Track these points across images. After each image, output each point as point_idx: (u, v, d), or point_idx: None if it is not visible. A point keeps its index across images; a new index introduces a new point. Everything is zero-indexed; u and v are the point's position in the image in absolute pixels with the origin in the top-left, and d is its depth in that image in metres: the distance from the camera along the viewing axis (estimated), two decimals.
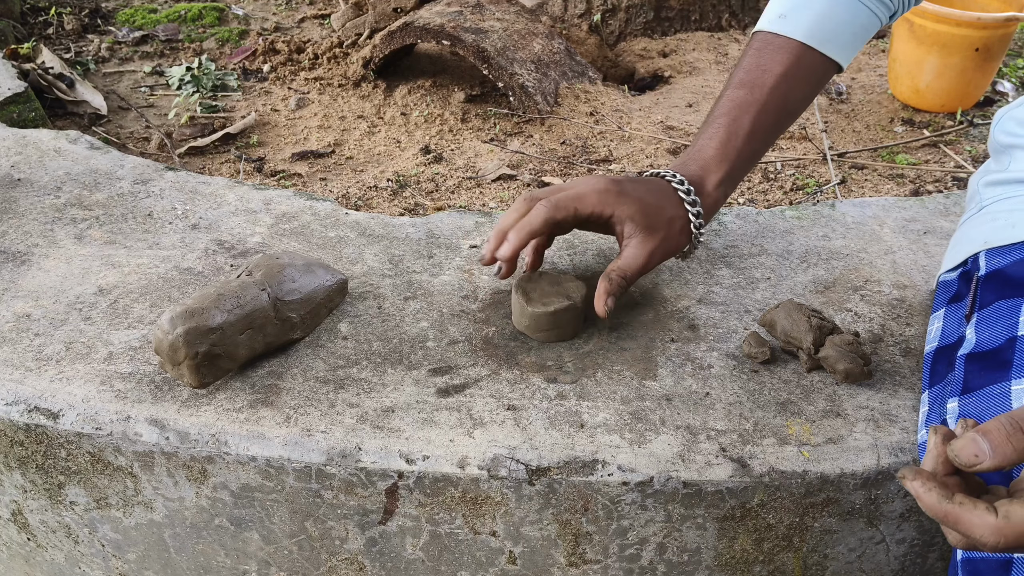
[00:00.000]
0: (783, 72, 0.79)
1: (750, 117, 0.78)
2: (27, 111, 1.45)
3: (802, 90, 0.81)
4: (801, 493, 0.68)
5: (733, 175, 0.80)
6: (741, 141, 0.79)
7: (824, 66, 0.81)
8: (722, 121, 0.79)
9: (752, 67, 0.80)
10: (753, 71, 0.80)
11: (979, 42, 1.59)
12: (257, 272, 0.78)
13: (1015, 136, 0.75)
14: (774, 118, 0.80)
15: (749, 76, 0.80)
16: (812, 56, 0.79)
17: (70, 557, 0.84)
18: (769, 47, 0.80)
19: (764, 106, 0.79)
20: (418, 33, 1.69)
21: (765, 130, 0.80)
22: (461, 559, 0.74)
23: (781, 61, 0.79)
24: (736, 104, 0.79)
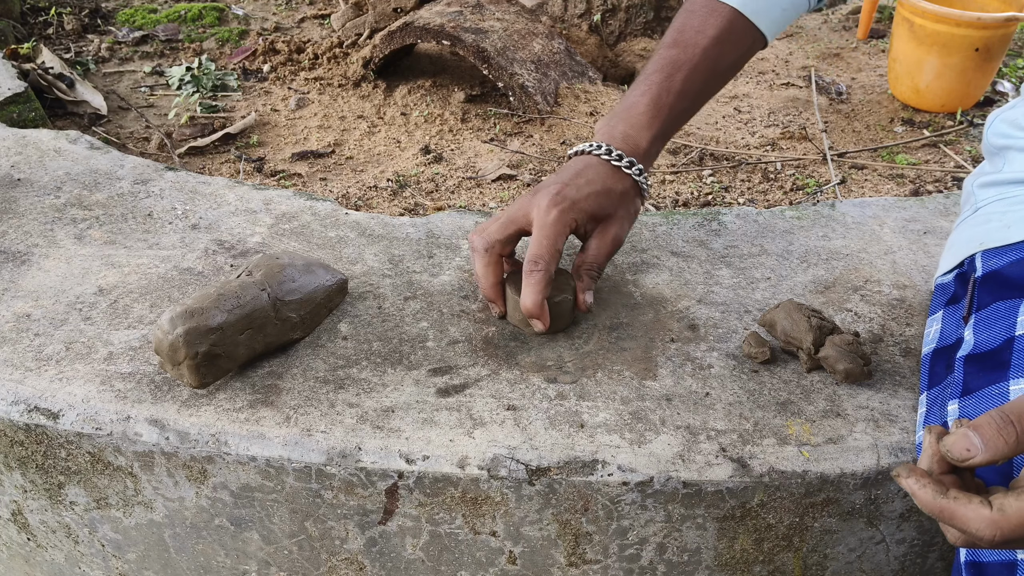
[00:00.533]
0: (716, 36, 0.80)
1: (682, 76, 0.79)
2: (27, 111, 1.45)
3: (731, 56, 0.82)
4: (801, 493, 0.68)
5: (665, 132, 0.81)
6: (673, 98, 0.79)
7: (752, 37, 0.82)
8: (654, 79, 0.80)
9: (686, 28, 0.81)
10: (687, 32, 0.81)
11: (979, 42, 1.59)
12: (257, 272, 0.78)
13: (1007, 138, 0.75)
14: (703, 79, 0.80)
15: (682, 37, 0.81)
16: (744, 24, 0.81)
17: (70, 557, 0.84)
18: (703, 10, 0.81)
19: (695, 66, 0.79)
20: (418, 33, 1.69)
21: (695, 91, 0.80)
22: (461, 559, 0.74)
23: (715, 25, 0.80)
24: (668, 62, 0.80)
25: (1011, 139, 0.75)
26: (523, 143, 1.59)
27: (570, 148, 0.83)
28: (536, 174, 1.49)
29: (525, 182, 1.46)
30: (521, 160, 1.53)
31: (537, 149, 1.57)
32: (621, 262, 0.89)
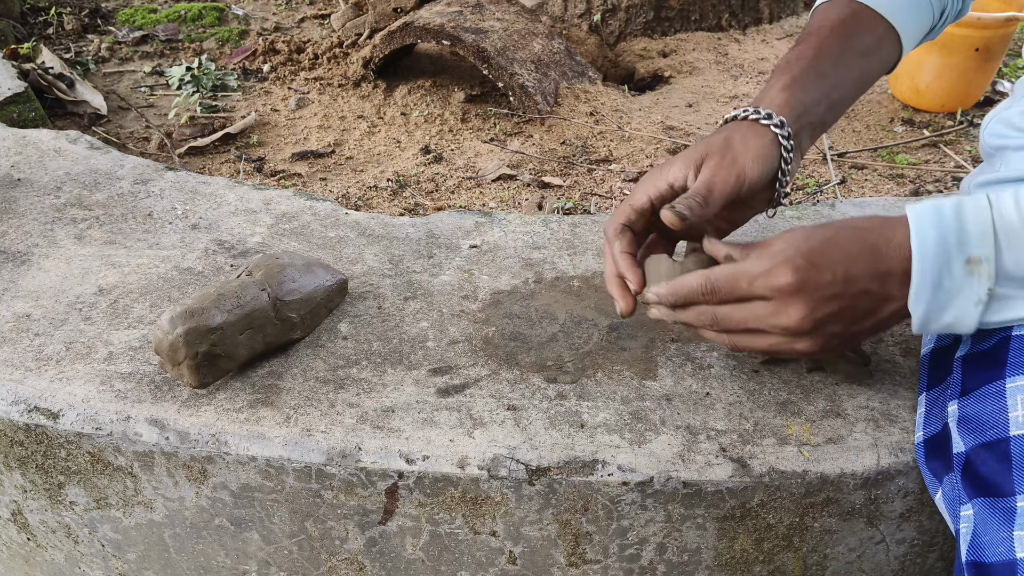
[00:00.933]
0: (842, 18, 0.77)
1: (811, 46, 0.75)
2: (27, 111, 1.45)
3: (864, 37, 0.77)
4: (801, 493, 0.68)
5: (801, 84, 0.73)
6: (804, 62, 0.74)
7: (883, 27, 0.78)
8: (781, 63, 0.77)
9: (809, 26, 0.79)
10: (811, 27, 0.79)
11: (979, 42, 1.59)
12: (257, 272, 0.78)
13: (1003, 138, 0.75)
14: (837, 48, 0.76)
15: (807, 30, 0.79)
16: (869, 12, 0.78)
17: (70, 557, 0.84)
18: (824, 8, 0.80)
19: (826, 38, 0.76)
20: (418, 33, 1.69)
21: (831, 55, 0.75)
22: (461, 559, 0.74)
23: (837, 12, 0.78)
24: (794, 48, 0.77)
25: (1007, 139, 0.75)
26: (523, 143, 1.59)
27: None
28: (536, 174, 1.49)
29: (525, 182, 1.47)
30: (521, 160, 1.53)
31: (537, 149, 1.57)
32: None
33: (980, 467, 0.59)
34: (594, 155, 1.55)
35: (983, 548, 0.57)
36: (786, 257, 0.59)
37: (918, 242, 0.57)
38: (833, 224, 0.61)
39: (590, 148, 1.57)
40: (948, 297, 0.58)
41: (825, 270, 0.59)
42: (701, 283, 0.63)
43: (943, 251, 0.57)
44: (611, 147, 1.57)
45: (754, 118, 0.71)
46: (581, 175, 1.49)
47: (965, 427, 0.62)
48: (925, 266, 0.57)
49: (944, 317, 0.59)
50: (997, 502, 0.57)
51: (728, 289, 0.62)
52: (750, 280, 0.61)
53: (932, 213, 0.58)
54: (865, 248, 0.59)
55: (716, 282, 0.63)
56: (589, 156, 1.54)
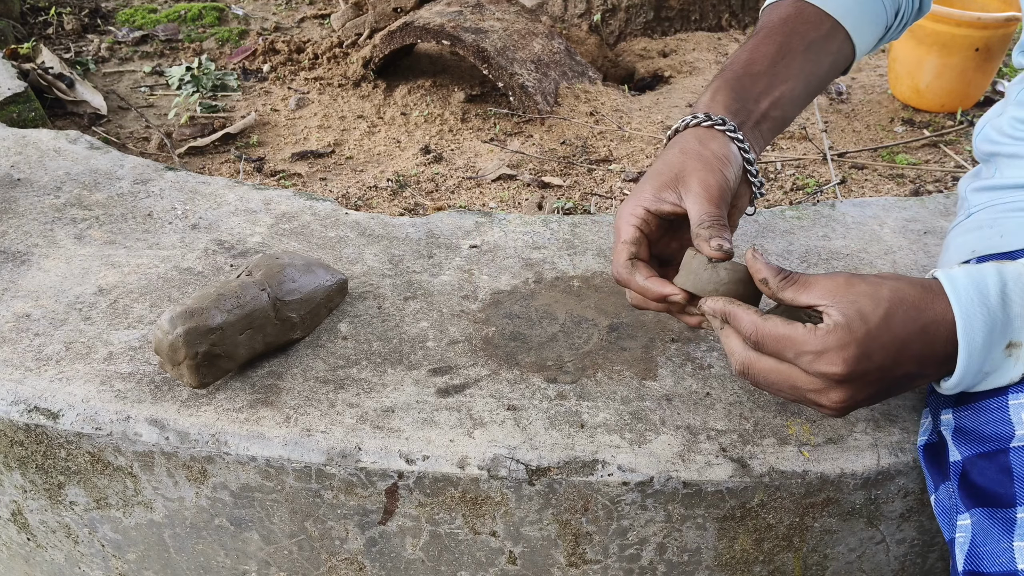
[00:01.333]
0: (783, 18, 0.78)
1: (746, 50, 0.77)
2: (27, 111, 1.45)
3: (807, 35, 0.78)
4: (801, 493, 0.68)
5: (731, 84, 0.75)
6: (738, 66, 0.76)
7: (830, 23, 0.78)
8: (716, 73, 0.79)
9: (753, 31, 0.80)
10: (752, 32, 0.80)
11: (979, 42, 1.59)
12: (257, 272, 0.78)
13: (996, 144, 0.75)
14: (776, 50, 0.76)
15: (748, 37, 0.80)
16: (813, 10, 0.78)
17: (70, 557, 0.84)
18: (769, 8, 0.81)
19: (760, 41, 0.77)
20: (418, 33, 1.69)
21: (767, 57, 0.76)
22: (461, 559, 0.74)
23: (779, 14, 0.79)
24: (731, 56, 0.79)
25: (999, 145, 0.74)
26: (523, 143, 1.59)
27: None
28: (536, 174, 1.49)
29: (525, 182, 1.46)
30: (521, 160, 1.53)
31: (537, 149, 1.57)
32: None
33: (977, 477, 0.59)
34: (594, 155, 1.55)
35: (982, 558, 0.56)
36: (841, 344, 0.56)
37: (966, 338, 0.56)
38: (882, 295, 0.57)
39: (590, 148, 1.57)
40: (983, 377, 0.59)
41: (875, 358, 0.57)
42: (749, 329, 0.60)
43: (989, 343, 0.57)
44: (611, 147, 1.57)
45: (695, 123, 0.72)
46: (581, 175, 1.49)
47: (961, 438, 0.62)
48: (971, 361, 0.57)
49: (978, 388, 0.60)
50: (997, 512, 0.57)
51: (772, 350, 0.59)
52: (797, 354, 0.58)
53: (980, 305, 0.56)
54: (917, 330, 0.57)
55: (763, 338, 0.59)
56: (589, 156, 1.54)
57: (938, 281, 0.58)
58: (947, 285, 0.57)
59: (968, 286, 0.57)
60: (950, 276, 0.58)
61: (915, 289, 0.58)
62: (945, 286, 0.57)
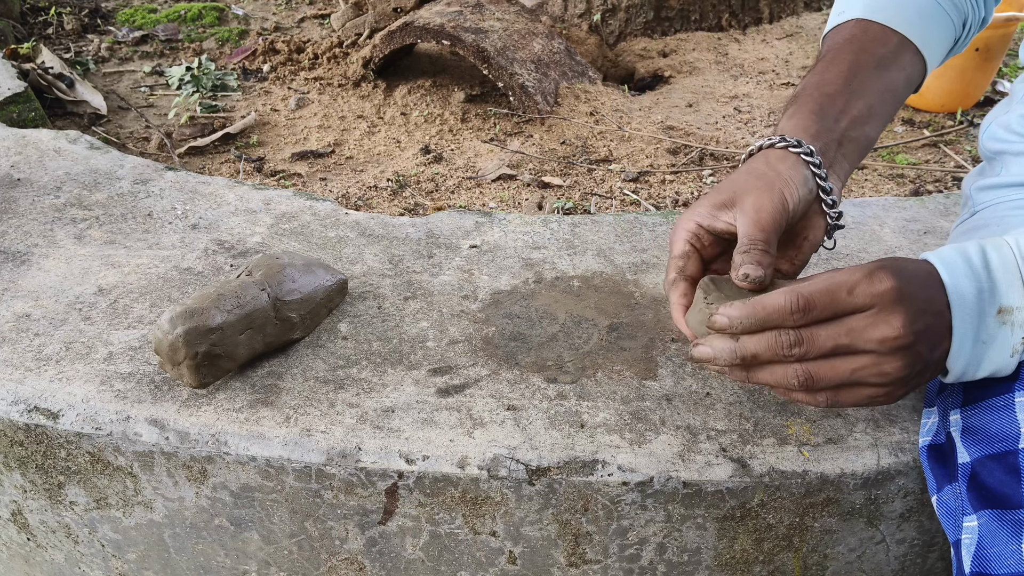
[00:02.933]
0: (848, 38, 0.75)
1: (816, 74, 0.74)
2: (27, 111, 1.45)
3: (875, 51, 0.75)
4: (801, 493, 0.68)
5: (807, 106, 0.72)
6: (812, 88, 0.73)
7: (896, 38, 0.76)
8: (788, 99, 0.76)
9: (818, 56, 0.78)
10: (818, 56, 0.78)
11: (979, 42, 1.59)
12: (257, 272, 0.78)
13: (1003, 142, 0.75)
14: (848, 68, 0.74)
15: (815, 61, 0.77)
16: (877, 27, 0.76)
17: (70, 557, 0.84)
18: (832, 32, 0.78)
19: (829, 62, 0.74)
20: (418, 33, 1.69)
21: (841, 76, 0.73)
22: (461, 559, 0.74)
23: (843, 35, 0.76)
24: (801, 82, 0.76)
25: (1006, 143, 0.74)
26: (523, 143, 1.59)
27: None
28: (536, 174, 1.49)
29: (525, 182, 1.46)
30: (521, 160, 1.53)
31: (537, 149, 1.57)
32: (621, 262, 0.89)
33: (987, 478, 0.59)
34: (594, 155, 1.55)
35: (990, 560, 0.56)
36: (881, 265, 0.56)
37: (956, 297, 0.56)
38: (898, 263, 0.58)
39: (590, 148, 1.57)
40: (984, 349, 0.58)
41: (915, 283, 0.56)
42: (791, 299, 0.56)
43: (979, 308, 0.56)
44: (611, 147, 1.57)
45: (768, 145, 0.69)
46: (581, 175, 1.49)
47: (971, 438, 0.62)
48: (966, 325, 0.57)
49: (980, 370, 0.59)
50: (1006, 514, 0.56)
51: (826, 302, 0.56)
52: (850, 288, 0.55)
53: (964, 268, 0.56)
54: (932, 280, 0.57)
55: (812, 296, 0.56)
56: (589, 156, 1.54)
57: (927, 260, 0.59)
58: (932, 258, 0.58)
59: (952, 255, 0.58)
60: (936, 252, 0.59)
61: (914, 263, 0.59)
62: (931, 259, 0.58)
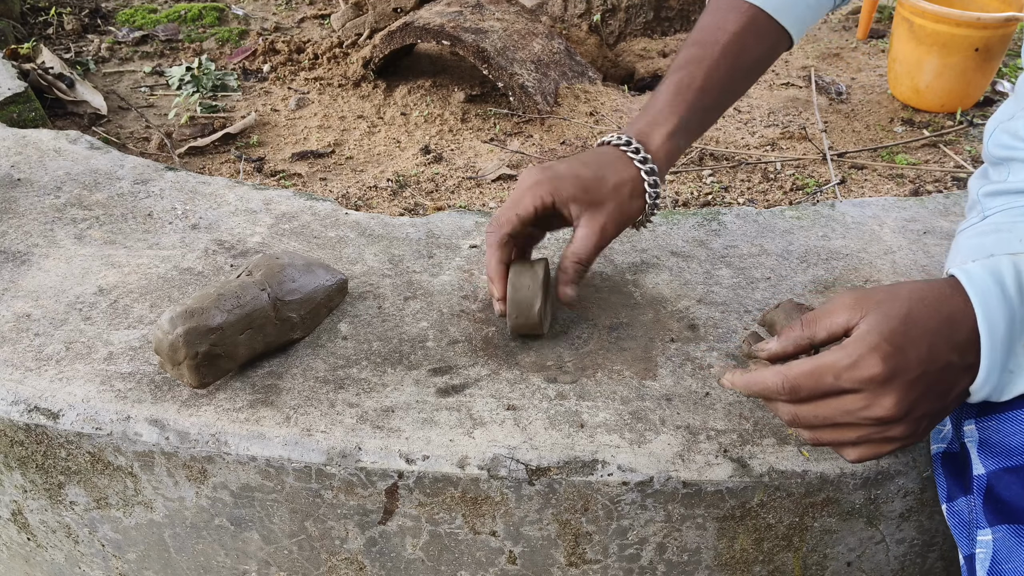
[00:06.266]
0: (736, 31, 0.78)
1: (701, 71, 0.77)
2: (27, 111, 1.45)
3: (754, 52, 0.80)
4: (801, 493, 0.68)
5: (686, 127, 0.78)
6: (692, 94, 0.77)
7: (777, 34, 0.80)
8: (673, 77, 0.79)
9: (706, 26, 0.80)
10: (707, 30, 0.80)
11: (979, 42, 1.59)
12: (257, 272, 0.78)
13: (1010, 149, 0.74)
14: (726, 74, 0.79)
15: (702, 35, 0.80)
16: (767, 21, 0.79)
17: (70, 557, 0.84)
18: (724, 7, 0.80)
19: (716, 62, 0.78)
20: (418, 33, 1.69)
21: (718, 86, 0.79)
22: (461, 559, 0.74)
23: (735, 21, 0.79)
24: (688, 60, 0.79)
25: (1014, 150, 0.73)
26: (523, 143, 1.59)
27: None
28: None
29: None
30: (521, 160, 1.53)
31: (537, 149, 1.57)
32: (621, 262, 0.89)
33: (1003, 492, 0.58)
34: None
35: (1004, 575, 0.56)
36: (870, 345, 0.55)
37: (987, 325, 0.56)
38: (900, 295, 0.58)
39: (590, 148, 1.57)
40: (1010, 378, 0.57)
41: (911, 351, 0.56)
42: (778, 382, 0.58)
43: (1010, 334, 0.56)
44: None
45: (631, 158, 0.76)
46: None
47: (986, 450, 0.61)
48: (995, 354, 0.56)
49: (1005, 395, 0.58)
50: (1022, 529, 0.56)
51: (811, 387, 0.57)
52: (836, 374, 0.56)
53: (998, 294, 0.56)
54: (943, 320, 0.56)
55: (796, 380, 0.58)
56: None
57: (954, 277, 0.58)
58: (963, 278, 0.57)
59: (985, 278, 0.56)
60: (965, 270, 0.57)
61: (933, 286, 0.58)
62: (962, 279, 0.57)
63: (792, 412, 0.60)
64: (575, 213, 0.75)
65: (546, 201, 0.74)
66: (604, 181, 0.75)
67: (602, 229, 0.74)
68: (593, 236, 0.74)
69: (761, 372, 0.60)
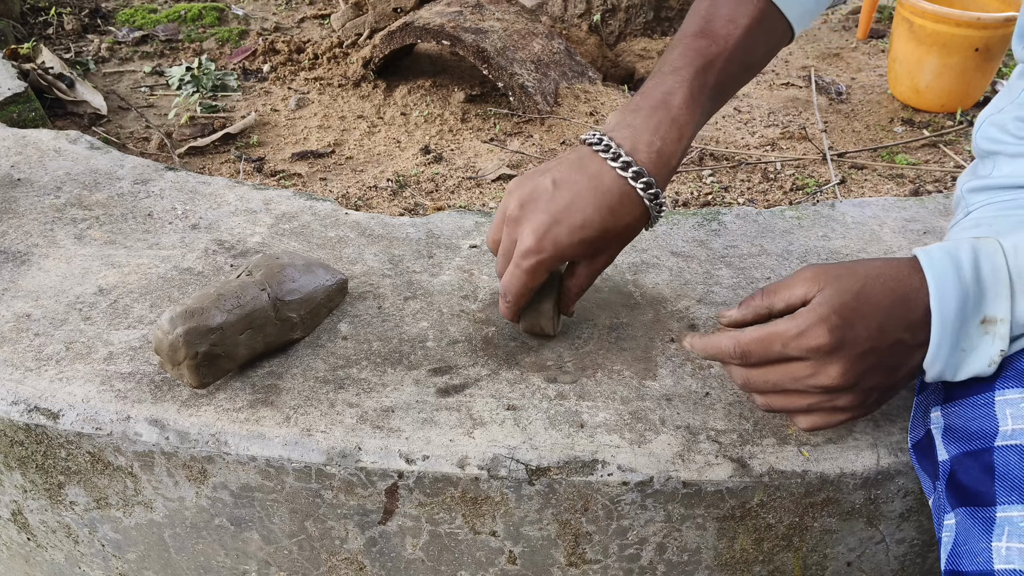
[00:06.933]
0: (748, 25, 0.72)
1: (716, 70, 0.70)
2: (27, 111, 1.45)
3: (762, 49, 0.75)
4: (801, 493, 0.68)
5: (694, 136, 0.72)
6: (706, 97, 0.71)
7: (783, 28, 0.75)
8: (685, 74, 0.70)
9: (715, 16, 0.72)
10: (717, 21, 0.72)
11: (979, 42, 1.59)
12: (257, 272, 0.78)
13: (997, 142, 0.74)
14: (736, 73, 0.74)
15: (711, 26, 0.71)
16: (774, 15, 0.74)
17: (70, 557, 0.84)
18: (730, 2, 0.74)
19: (730, 59, 0.71)
20: (418, 33, 1.69)
21: (726, 86, 0.73)
22: (461, 559, 0.74)
23: (747, 14, 0.72)
24: (699, 54, 0.70)
25: (1000, 144, 0.74)
26: (523, 143, 1.59)
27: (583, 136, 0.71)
28: None
29: None
30: (521, 160, 1.53)
31: (537, 149, 1.57)
32: (621, 262, 0.89)
33: (963, 476, 0.59)
34: None
35: (961, 557, 0.56)
36: (820, 316, 0.58)
37: (939, 305, 0.57)
38: (858, 272, 0.59)
39: None
40: (963, 356, 0.58)
41: (859, 325, 0.58)
42: (730, 346, 0.62)
43: (962, 315, 0.57)
44: None
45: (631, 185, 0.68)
46: None
47: (950, 436, 0.62)
48: (945, 332, 0.57)
49: (959, 375, 0.59)
50: (978, 511, 0.56)
51: (761, 353, 0.61)
52: (784, 342, 0.59)
53: (953, 275, 0.57)
54: (896, 299, 0.58)
55: (748, 345, 0.61)
56: None
57: (915, 258, 0.59)
58: (923, 258, 0.58)
59: (943, 259, 0.58)
60: (926, 250, 0.59)
61: (892, 265, 0.60)
62: (921, 259, 0.58)
63: (744, 376, 0.63)
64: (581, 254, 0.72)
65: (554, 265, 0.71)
66: (608, 235, 0.70)
67: (602, 268, 0.75)
68: (591, 276, 0.75)
69: (717, 336, 0.63)
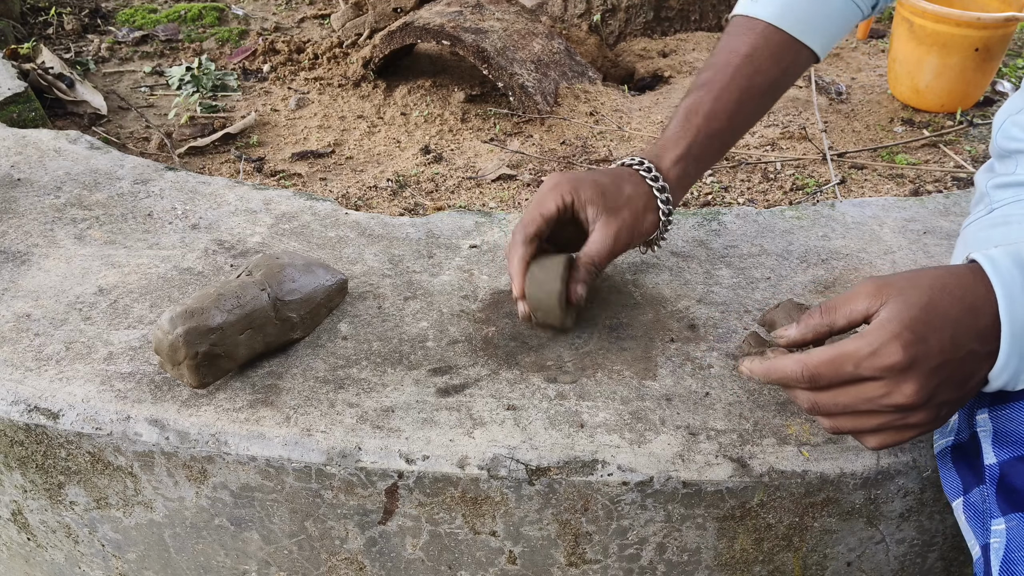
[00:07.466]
0: (747, 53, 0.79)
1: (711, 96, 0.79)
2: (27, 111, 1.45)
3: (771, 74, 0.80)
4: (801, 493, 0.68)
5: (695, 153, 0.79)
6: (700, 119, 0.79)
7: (794, 49, 0.80)
8: (684, 103, 0.80)
9: (721, 50, 0.81)
10: (720, 53, 0.81)
11: (979, 42, 1.59)
12: (257, 272, 0.78)
13: (1020, 141, 0.74)
14: (737, 99, 0.79)
15: (716, 59, 0.81)
16: (780, 37, 0.79)
17: (70, 557, 0.84)
18: (738, 29, 0.81)
19: (726, 86, 0.79)
20: (418, 33, 1.69)
21: (727, 111, 0.79)
22: (461, 559, 0.74)
23: (746, 42, 0.79)
24: (700, 85, 0.80)
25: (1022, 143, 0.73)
26: (523, 143, 1.59)
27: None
28: (536, 174, 1.49)
29: (525, 182, 1.47)
30: (521, 160, 1.53)
31: (537, 149, 1.57)
32: (621, 262, 0.89)
33: (1016, 481, 0.58)
34: (594, 155, 1.55)
35: (1016, 564, 0.55)
36: (892, 333, 0.55)
37: (1008, 314, 0.55)
38: (922, 284, 0.57)
39: (590, 148, 1.57)
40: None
41: (932, 339, 0.55)
42: (797, 370, 0.58)
43: None
44: (611, 147, 1.57)
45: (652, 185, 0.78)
46: None
47: (1000, 440, 0.61)
48: (1015, 341, 0.55)
49: (1022, 383, 0.58)
50: None
51: (831, 375, 0.57)
52: (856, 362, 0.56)
53: (1021, 281, 0.55)
54: (965, 309, 0.56)
55: (817, 368, 0.57)
56: (589, 156, 1.54)
57: (976, 263, 0.57)
58: (987, 264, 0.56)
59: (1009, 265, 0.56)
60: (989, 256, 0.57)
61: (954, 274, 0.57)
62: (985, 265, 0.56)
63: (812, 400, 0.60)
64: (591, 216, 0.76)
65: (566, 200, 0.76)
66: (621, 190, 0.77)
67: (616, 235, 0.76)
68: (607, 240, 0.76)
69: (781, 360, 0.59)
